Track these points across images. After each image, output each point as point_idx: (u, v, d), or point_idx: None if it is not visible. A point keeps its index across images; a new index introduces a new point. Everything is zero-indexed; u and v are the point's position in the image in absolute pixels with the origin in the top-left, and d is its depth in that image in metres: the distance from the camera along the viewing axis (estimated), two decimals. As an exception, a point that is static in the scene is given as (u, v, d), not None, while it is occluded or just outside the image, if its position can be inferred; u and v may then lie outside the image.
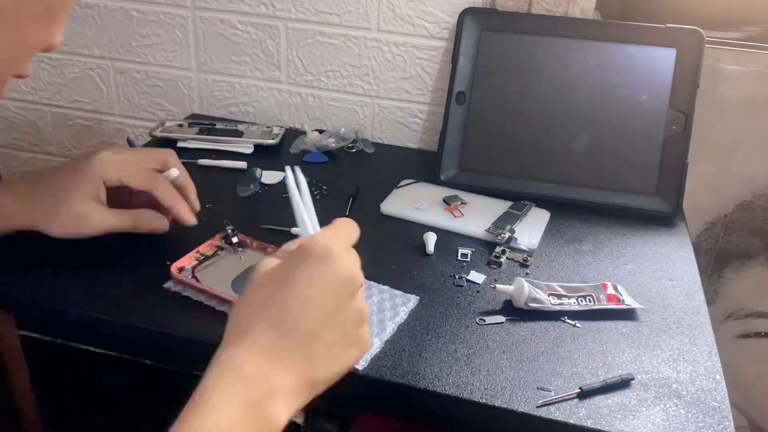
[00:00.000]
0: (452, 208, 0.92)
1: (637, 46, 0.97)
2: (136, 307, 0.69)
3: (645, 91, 0.97)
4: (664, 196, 0.96)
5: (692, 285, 0.80)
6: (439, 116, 1.10)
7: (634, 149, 0.97)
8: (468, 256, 0.82)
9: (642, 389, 0.62)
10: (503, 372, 0.63)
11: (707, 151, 1.10)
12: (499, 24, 1.01)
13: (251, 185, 0.94)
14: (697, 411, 0.60)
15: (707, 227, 1.17)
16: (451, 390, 0.61)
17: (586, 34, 0.98)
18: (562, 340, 0.68)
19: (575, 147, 0.99)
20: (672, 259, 0.85)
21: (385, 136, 1.18)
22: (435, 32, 1.08)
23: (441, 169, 1.01)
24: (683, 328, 0.72)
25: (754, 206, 1.14)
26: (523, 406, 0.59)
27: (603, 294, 0.74)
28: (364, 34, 1.12)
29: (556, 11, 1.03)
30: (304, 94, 1.19)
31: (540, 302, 0.71)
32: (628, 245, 0.88)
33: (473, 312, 0.72)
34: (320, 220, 0.72)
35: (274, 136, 1.10)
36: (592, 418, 0.59)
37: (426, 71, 1.12)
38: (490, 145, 1.01)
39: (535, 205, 0.94)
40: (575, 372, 0.64)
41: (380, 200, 0.94)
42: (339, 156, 1.10)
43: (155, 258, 0.75)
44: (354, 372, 0.61)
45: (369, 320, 0.67)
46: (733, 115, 1.08)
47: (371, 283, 0.74)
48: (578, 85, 0.98)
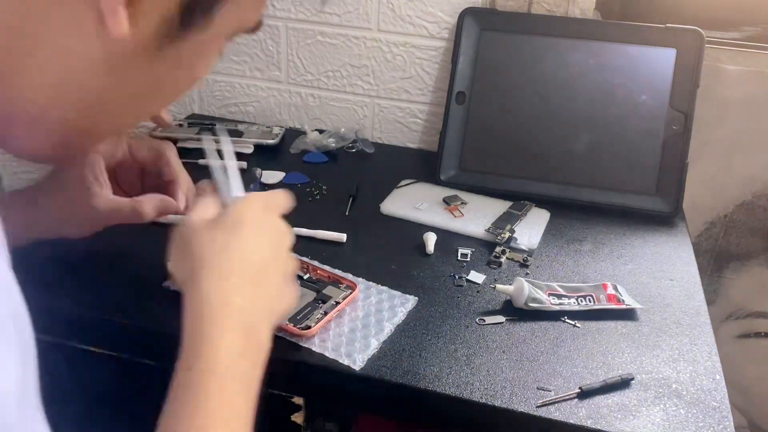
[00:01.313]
0: (452, 208, 0.92)
1: (637, 46, 0.97)
2: (136, 305, 0.68)
3: (645, 91, 0.97)
4: (664, 196, 0.96)
5: (692, 285, 0.80)
6: (439, 116, 1.10)
7: (634, 149, 0.97)
8: (468, 256, 0.82)
9: (642, 389, 0.62)
10: (503, 372, 0.63)
11: (707, 151, 1.10)
12: (499, 24, 1.01)
13: (251, 185, 0.94)
14: (697, 411, 0.60)
15: (707, 227, 1.17)
16: (451, 390, 0.61)
17: (586, 34, 0.98)
18: (562, 340, 0.68)
19: (575, 147, 0.99)
20: (672, 259, 0.85)
21: (385, 136, 1.18)
22: (435, 32, 1.08)
23: (441, 169, 1.01)
24: (683, 328, 0.72)
25: (754, 206, 1.14)
26: (523, 406, 0.59)
27: (603, 294, 0.74)
28: (364, 34, 1.12)
29: (556, 11, 1.03)
30: (304, 94, 1.19)
31: (540, 302, 0.71)
32: (628, 245, 0.88)
33: (473, 312, 0.72)
34: (320, 220, 0.72)
35: (274, 136, 1.10)
36: (592, 418, 0.59)
37: (426, 71, 1.11)
38: (490, 145, 1.01)
39: (535, 205, 0.94)
40: (575, 372, 0.64)
41: (380, 200, 0.94)
42: (339, 156, 1.10)
43: (156, 256, 0.75)
44: (354, 372, 0.61)
45: (366, 320, 0.68)
46: (733, 115, 1.08)
47: (370, 283, 0.74)
48: (578, 85, 0.98)
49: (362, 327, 0.67)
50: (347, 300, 0.69)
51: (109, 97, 0.44)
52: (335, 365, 0.62)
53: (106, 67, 0.41)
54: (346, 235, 0.83)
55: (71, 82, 0.41)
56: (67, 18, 0.38)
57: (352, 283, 0.71)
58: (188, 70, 0.46)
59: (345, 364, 0.62)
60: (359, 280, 0.74)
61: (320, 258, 0.77)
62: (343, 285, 0.71)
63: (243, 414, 0.47)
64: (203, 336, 0.48)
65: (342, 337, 0.65)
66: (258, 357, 0.50)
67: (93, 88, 0.42)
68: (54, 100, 0.41)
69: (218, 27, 0.43)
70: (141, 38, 0.40)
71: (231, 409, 0.46)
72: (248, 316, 0.50)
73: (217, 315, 0.49)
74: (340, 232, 0.83)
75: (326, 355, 0.63)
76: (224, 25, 0.43)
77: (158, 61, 0.42)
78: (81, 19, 0.38)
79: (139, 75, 0.43)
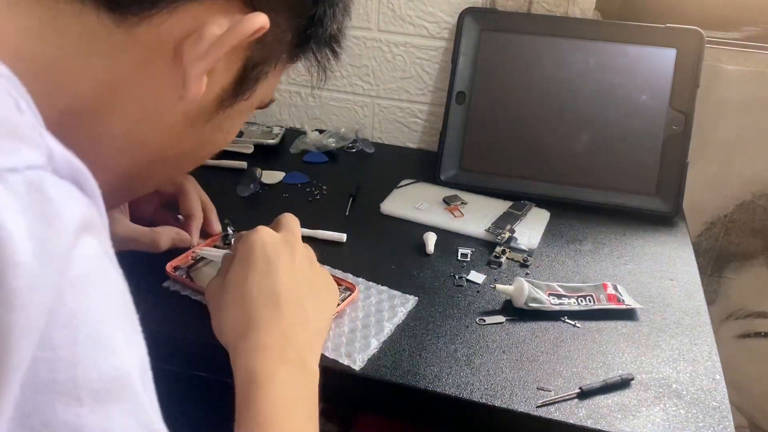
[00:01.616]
0: (452, 208, 0.92)
1: (637, 46, 0.97)
2: (136, 306, 0.68)
3: (645, 91, 0.97)
4: (664, 196, 0.96)
5: (692, 285, 0.80)
6: (439, 116, 1.10)
7: (634, 149, 0.97)
8: (468, 256, 0.82)
9: (642, 389, 0.62)
10: (503, 372, 0.63)
11: (707, 151, 1.10)
12: (499, 24, 1.01)
13: (251, 185, 0.94)
14: (697, 411, 0.60)
15: (707, 227, 1.17)
16: (451, 390, 0.61)
17: (586, 34, 0.98)
18: (562, 340, 0.68)
19: (575, 147, 0.99)
20: (672, 259, 0.85)
21: (385, 136, 1.18)
22: (435, 32, 1.08)
23: (441, 169, 1.01)
24: (683, 328, 0.72)
25: (754, 206, 1.14)
26: (523, 406, 0.59)
27: (603, 294, 0.74)
28: (364, 34, 1.12)
29: (556, 11, 1.03)
30: (304, 94, 1.19)
31: (540, 302, 0.71)
32: (628, 245, 0.88)
33: (473, 312, 0.72)
34: (320, 219, 0.73)
35: (274, 136, 1.10)
36: (592, 418, 0.59)
37: (426, 71, 1.11)
38: (490, 145, 1.01)
39: (535, 205, 0.94)
40: (575, 372, 0.64)
41: (380, 200, 0.94)
42: (339, 156, 1.10)
43: (157, 257, 0.75)
44: (354, 372, 0.61)
45: (366, 320, 0.68)
46: (733, 115, 1.08)
47: (370, 283, 0.74)
48: (578, 85, 0.98)
49: (362, 327, 0.67)
50: (346, 302, 0.68)
51: (165, 155, 0.48)
52: (335, 365, 0.62)
53: (172, 126, 0.45)
54: (346, 235, 0.83)
55: (140, 136, 0.44)
56: (153, 78, 0.42)
57: (351, 285, 0.71)
58: (225, 133, 0.51)
59: (345, 364, 0.62)
60: (359, 280, 0.74)
61: (320, 258, 0.77)
62: (342, 287, 0.71)
63: None
64: (251, 382, 0.52)
65: (342, 337, 0.65)
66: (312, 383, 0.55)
67: (156, 144, 0.46)
68: (122, 151, 0.45)
69: (255, 98, 0.49)
70: (204, 104, 0.45)
71: None
72: (291, 349, 0.56)
73: (264, 360, 0.54)
74: (340, 232, 0.83)
75: (326, 355, 0.63)
76: (257, 98, 0.49)
77: (208, 125, 0.47)
78: (165, 80, 0.42)
79: (192, 136, 0.47)
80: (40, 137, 0.29)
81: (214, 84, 0.44)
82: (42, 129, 0.31)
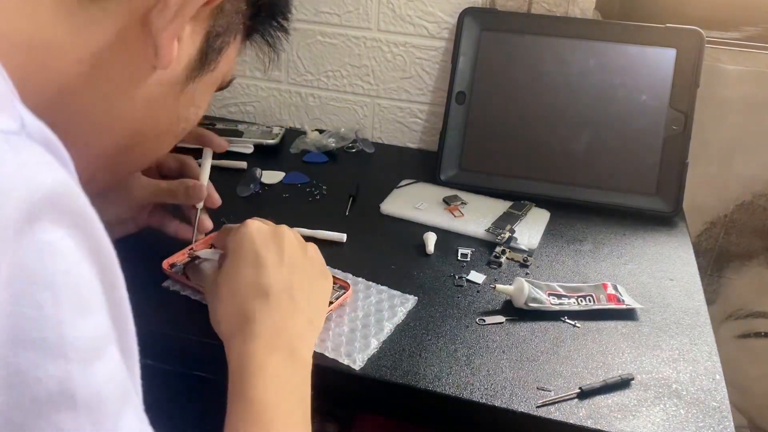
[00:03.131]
0: (452, 208, 0.92)
1: (637, 46, 0.97)
2: (135, 306, 0.68)
3: (645, 91, 0.97)
4: (664, 196, 0.96)
5: (692, 285, 0.80)
6: (439, 116, 1.10)
7: (634, 149, 0.97)
8: (468, 256, 0.82)
9: (642, 389, 0.62)
10: (503, 372, 0.63)
11: (707, 151, 1.10)
12: (499, 24, 1.01)
13: (251, 185, 0.94)
14: (697, 411, 0.60)
15: (707, 227, 1.17)
16: (451, 390, 0.60)
17: (586, 34, 0.98)
18: (562, 340, 0.68)
19: (575, 147, 0.99)
20: (672, 259, 0.85)
21: (385, 136, 1.18)
22: (435, 32, 1.08)
23: (441, 169, 1.01)
24: (683, 328, 0.72)
25: (754, 206, 1.14)
26: (523, 406, 0.59)
27: (603, 294, 0.74)
28: (364, 34, 1.12)
29: (556, 11, 1.03)
30: (304, 94, 1.19)
31: (540, 302, 0.71)
32: (628, 245, 0.88)
33: (473, 312, 0.72)
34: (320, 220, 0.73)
35: (274, 136, 1.10)
36: (592, 418, 0.59)
37: (426, 71, 1.11)
38: (490, 145, 1.01)
39: (535, 205, 0.94)
40: (575, 372, 0.64)
41: (380, 200, 0.94)
42: (339, 156, 1.10)
43: (156, 256, 0.75)
44: (354, 372, 0.61)
45: (366, 320, 0.67)
46: (733, 115, 1.08)
47: (370, 283, 0.74)
48: (578, 85, 0.98)
49: (362, 327, 0.67)
50: (339, 300, 0.68)
51: (143, 131, 0.49)
52: (335, 365, 0.62)
53: (148, 99, 0.46)
54: (346, 235, 0.83)
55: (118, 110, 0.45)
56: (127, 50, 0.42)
57: (345, 282, 0.71)
58: (197, 107, 0.53)
59: (345, 363, 0.62)
60: (359, 280, 0.74)
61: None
62: (336, 285, 0.71)
63: None
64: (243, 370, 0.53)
65: (342, 337, 0.65)
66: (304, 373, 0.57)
67: (134, 120, 0.47)
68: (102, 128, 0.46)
69: (219, 70, 0.51)
70: (175, 75, 0.47)
71: None
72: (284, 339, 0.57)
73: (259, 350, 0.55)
74: (340, 232, 0.83)
75: (326, 355, 0.63)
76: (221, 71, 0.52)
77: (181, 97, 0.49)
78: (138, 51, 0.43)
79: (168, 110, 0.49)
80: (11, 107, 0.30)
81: (182, 53, 0.45)
82: (15, 98, 0.31)
